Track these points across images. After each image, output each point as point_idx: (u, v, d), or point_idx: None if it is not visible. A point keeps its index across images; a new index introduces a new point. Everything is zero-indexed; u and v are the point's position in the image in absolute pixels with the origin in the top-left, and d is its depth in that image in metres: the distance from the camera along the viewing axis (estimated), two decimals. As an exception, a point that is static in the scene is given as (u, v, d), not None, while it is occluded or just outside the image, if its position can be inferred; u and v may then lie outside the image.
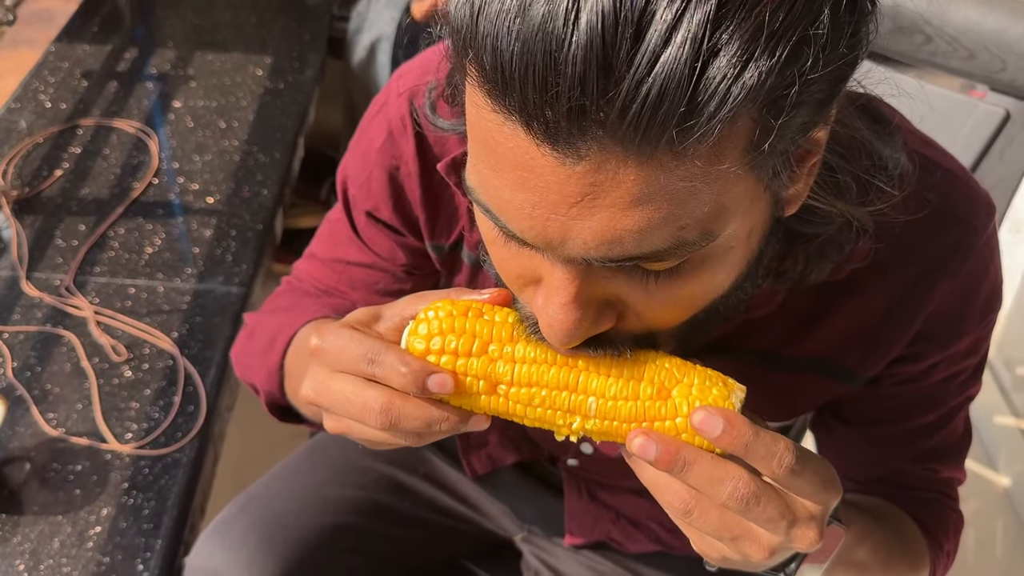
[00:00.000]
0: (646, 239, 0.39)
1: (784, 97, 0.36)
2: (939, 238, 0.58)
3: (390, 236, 0.72)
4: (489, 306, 0.50)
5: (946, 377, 0.64)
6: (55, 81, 1.41)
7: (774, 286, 0.56)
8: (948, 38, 0.98)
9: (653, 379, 0.46)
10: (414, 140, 0.65)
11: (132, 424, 0.95)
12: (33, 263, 1.11)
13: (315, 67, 1.51)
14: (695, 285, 0.44)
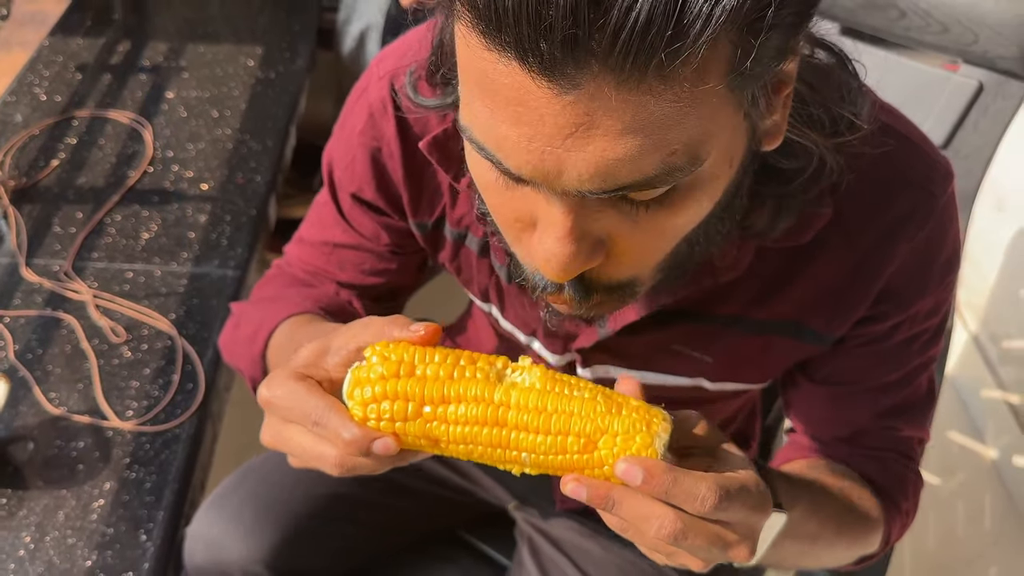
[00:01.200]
0: (638, 166, 0.41)
1: (760, 19, 0.38)
2: (899, 203, 0.60)
3: (374, 217, 0.74)
4: (422, 353, 0.50)
5: (908, 338, 0.66)
6: (49, 74, 1.43)
7: (742, 240, 0.58)
8: (921, 12, 1.01)
9: (580, 431, 0.47)
10: (395, 121, 0.67)
11: (132, 402, 0.97)
12: (32, 250, 1.13)
13: (305, 57, 1.53)
14: (681, 215, 0.46)
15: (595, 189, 0.42)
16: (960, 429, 1.78)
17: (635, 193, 0.43)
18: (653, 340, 0.67)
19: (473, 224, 0.70)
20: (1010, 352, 1.72)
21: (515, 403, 0.48)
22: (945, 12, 1.00)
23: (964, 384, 1.83)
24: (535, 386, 0.49)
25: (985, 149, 1.07)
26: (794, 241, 0.59)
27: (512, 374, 0.50)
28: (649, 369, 0.71)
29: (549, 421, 0.48)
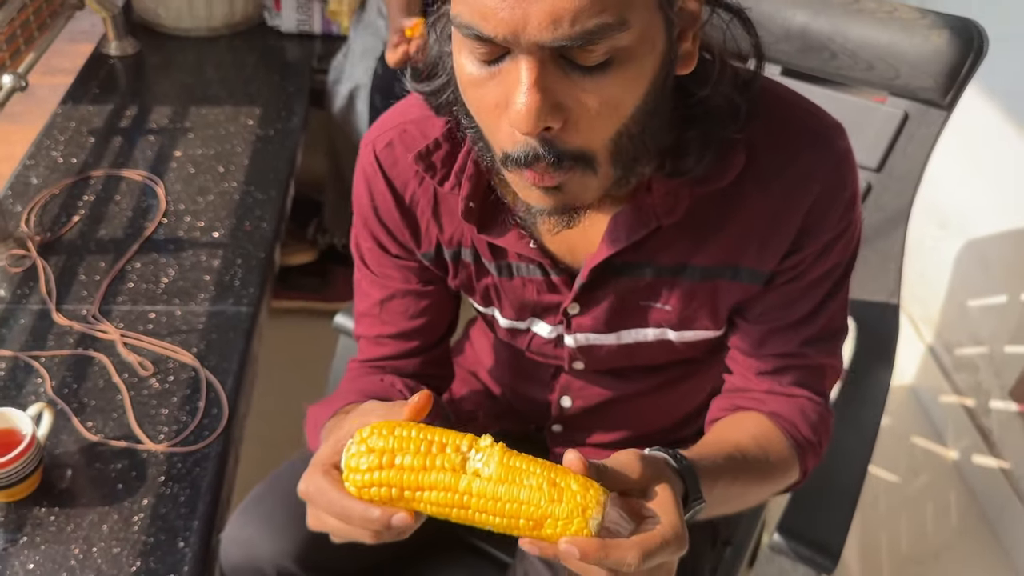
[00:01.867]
0: (579, 20, 0.54)
1: None
2: (804, 153, 0.72)
3: (396, 263, 0.87)
4: (399, 441, 0.61)
5: (823, 273, 0.77)
6: (64, 139, 1.55)
7: (677, 185, 0.71)
8: (849, 53, 1.15)
9: (528, 517, 0.59)
10: (383, 177, 0.80)
11: (163, 427, 1.07)
12: (61, 297, 1.23)
13: (300, 116, 1.66)
14: (618, 85, 0.59)
15: (550, 39, 0.55)
16: (923, 434, 1.90)
17: (580, 55, 0.56)
18: (618, 298, 0.80)
19: (463, 237, 0.82)
20: (962, 359, 1.86)
21: (476, 492, 0.60)
22: (869, 51, 1.14)
23: (923, 392, 1.96)
24: (492, 476, 0.60)
25: (914, 170, 1.20)
26: (716, 184, 0.71)
27: (475, 456, 0.61)
28: (622, 328, 0.83)
29: (503, 508, 0.60)
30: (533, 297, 0.83)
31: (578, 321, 0.83)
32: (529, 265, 0.81)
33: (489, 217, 0.78)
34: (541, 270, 0.81)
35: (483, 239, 0.80)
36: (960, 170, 1.87)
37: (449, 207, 0.81)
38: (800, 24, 1.17)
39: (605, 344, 0.85)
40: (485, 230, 0.78)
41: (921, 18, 1.13)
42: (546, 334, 0.87)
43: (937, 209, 1.94)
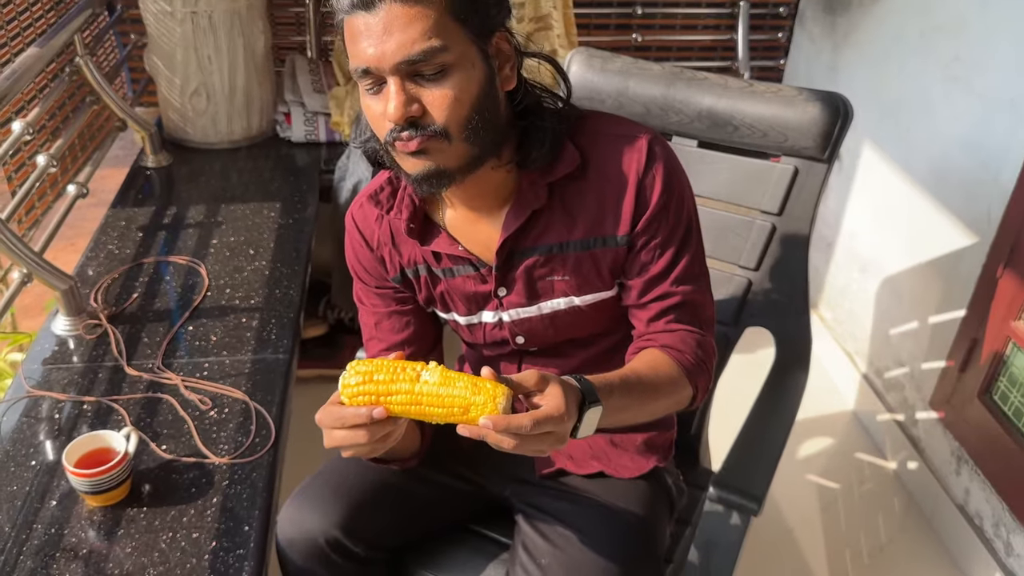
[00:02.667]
0: (414, 46, 0.89)
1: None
2: (621, 148, 1.05)
3: (378, 292, 1.19)
4: (377, 365, 0.90)
5: (668, 233, 1.06)
6: (116, 235, 1.85)
7: (533, 176, 1.04)
8: (748, 125, 1.49)
9: (460, 405, 0.88)
10: (356, 230, 1.16)
11: (223, 445, 1.33)
12: (130, 355, 1.51)
13: (313, 207, 1.99)
14: (450, 90, 0.92)
15: (401, 59, 0.89)
16: (865, 450, 2.16)
17: (424, 69, 0.90)
18: (528, 275, 1.10)
19: (416, 256, 1.13)
20: (890, 381, 2.14)
21: (425, 393, 0.89)
22: (763, 123, 1.48)
23: (863, 414, 2.23)
24: (435, 382, 0.88)
25: (808, 211, 1.51)
26: (561, 173, 1.04)
27: (425, 373, 0.90)
28: (540, 300, 1.12)
29: (443, 402, 0.89)
30: (472, 288, 1.14)
31: (507, 300, 1.13)
32: (463, 264, 1.12)
33: (426, 233, 1.11)
34: (472, 266, 1.12)
35: (426, 250, 1.12)
36: (872, 222, 2.21)
37: (401, 238, 1.13)
38: (708, 106, 1.51)
39: (532, 316, 1.14)
40: (425, 242, 1.11)
41: (799, 94, 1.47)
42: (491, 319, 1.17)
43: (858, 258, 2.26)
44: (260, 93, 2.22)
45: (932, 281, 1.95)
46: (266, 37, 2.18)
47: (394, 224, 1.12)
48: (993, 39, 1.73)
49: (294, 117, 2.25)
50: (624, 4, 2.58)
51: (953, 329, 1.87)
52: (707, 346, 1.13)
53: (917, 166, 1.99)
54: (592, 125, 1.08)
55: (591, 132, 1.07)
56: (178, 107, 2.17)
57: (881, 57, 2.12)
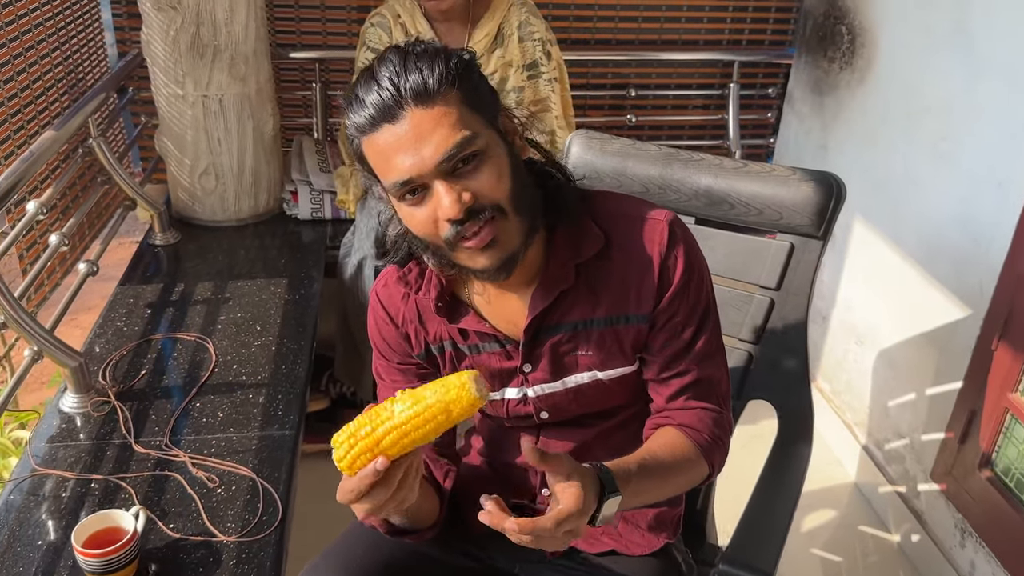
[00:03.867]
0: (449, 141, 0.92)
1: (469, 88, 0.96)
2: (644, 229, 1.09)
3: (399, 369, 1.21)
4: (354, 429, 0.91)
5: (688, 311, 1.10)
6: (124, 312, 1.88)
7: (562, 260, 1.07)
8: (743, 203, 1.54)
9: (440, 409, 0.88)
10: (382, 308, 1.18)
11: (231, 524, 1.33)
12: (138, 432, 1.51)
13: (318, 282, 2.02)
14: (491, 170, 0.96)
15: (440, 158, 0.92)
16: (868, 522, 2.16)
17: (460, 159, 0.93)
18: (553, 352, 1.12)
19: (442, 333, 1.16)
20: (890, 452, 2.15)
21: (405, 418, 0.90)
22: (759, 201, 1.53)
23: (864, 486, 2.23)
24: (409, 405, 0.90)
25: (804, 286, 1.55)
26: (587, 255, 1.07)
27: (394, 405, 0.91)
28: (564, 376, 1.14)
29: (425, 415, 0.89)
30: (497, 365, 1.16)
31: (533, 377, 1.16)
32: (489, 342, 1.14)
33: (454, 311, 1.14)
34: (498, 343, 1.14)
35: (453, 328, 1.14)
36: (866, 295, 2.25)
37: (428, 315, 1.16)
38: (705, 185, 1.56)
39: (556, 391, 1.16)
40: (453, 320, 1.13)
41: (792, 175, 1.52)
42: (515, 395, 1.18)
43: (855, 329, 2.30)
44: (268, 172, 2.27)
45: (928, 352, 1.98)
46: (275, 120, 2.25)
47: (421, 303, 1.15)
48: (979, 120, 1.80)
49: (301, 195, 2.30)
50: (618, 87, 2.68)
51: (951, 400, 1.89)
52: (723, 423, 1.15)
53: (908, 240, 2.04)
54: (612, 206, 1.12)
55: (613, 214, 1.11)
56: (187, 186, 2.22)
57: (869, 136, 2.20)
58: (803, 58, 2.51)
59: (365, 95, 0.95)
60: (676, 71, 2.71)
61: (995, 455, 1.80)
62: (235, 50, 2.08)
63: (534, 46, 2.17)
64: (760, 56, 2.69)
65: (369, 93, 0.94)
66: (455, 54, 0.98)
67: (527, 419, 1.23)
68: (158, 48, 2.07)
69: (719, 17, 2.65)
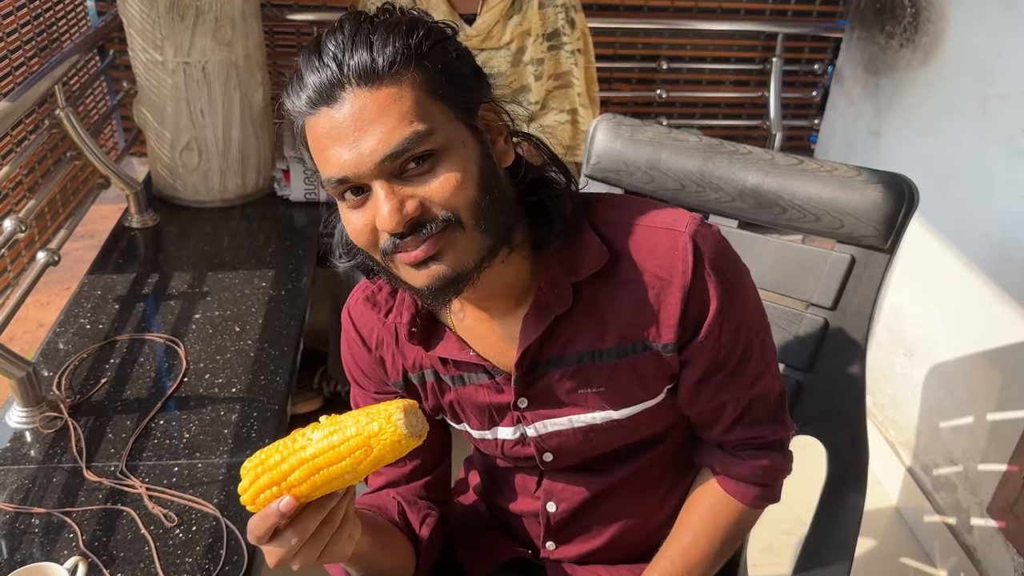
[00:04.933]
0: (396, 135, 0.74)
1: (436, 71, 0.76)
2: (659, 240, 0.87)
3: (375, 400, 1.01)
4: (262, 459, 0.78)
5: (732, 336, 0.90)
6: (91, 306, 1.68)
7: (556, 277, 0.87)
8: (798, 207, 1.31)
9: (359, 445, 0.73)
10: (354, 330, 1.00)
11: (187, 575, 1.14)
12: (91, 455, 1.32)
13: (309, 275, 1.81)
14: (448, 174, 0.76)
15: (382, 156, 0.74)
16: (911, 555, 1.95)
17: (408, 157, 0.75)
18: (555, 387, 0.93)
19: (423, 360, 0.97)
20: (940, 479, 1.94)
21: (319, 451, 0.75)
22: (815, 205, 1.30)
23: (908, 512, 2.03)
24: (326, 435, 0.75)
25: (866, 307, 1.33)
26: (586, 272, 0.86)
27: (313, 432, 0.76)
28: (570, 412, 0.94)
29: (340, 453, 0.74)
30: (486, 399, 0.96)
31: (531, 414, 0.96)
32: (476, 372, 0.95)
33: (431, 336, 0.94)
34: (486, 374, 0.94)
35: (432, 355, 0.95)
36: (920, 303, 2.02)
37: (405, 339, 0.96)
38: (752, 184, 1.34)
39: (562, 430, 0.96)
40: (430, 347, 0.94)
41: (857, 175, 1.29)
42: (510, 435, 0.99)
43: (904, 339, 2.07)
44: (257, 148, 2.06)
45: (990, 373, 1.76)
46: (265, 89, 2.03)
47: (403, 330, 0.96)
48: (1065, 112, 1.56)
49: (293, 174, 2.08)
50: (648, 59, 2.43)
51: (1017, 430, 1.67)
52: (778, 462, 1.01)
53: (974, 246, 1.81)
54: (619, 214, 0.90)
55: (618, 222, 0.89)
56: (168, 162, 2.01)
57: (932, 124, 1.95)
58: (856, 32, 2.25)
59: (305, 70, 0.76)
60: (713, 43, 2.46)
61: (1068, 497, 1.58)
62: (220, 12, 1.85)
63: (556, 12, 1.93)
64: (807, 28, 2.43)
65: (310, 69, 0.75)
66: (425, 26, 0.77)
67: (528, 461, 1.03)
68: (134, 7, 1.84)
69: (763, -17, 2.39)
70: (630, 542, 1.09)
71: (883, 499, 2.09)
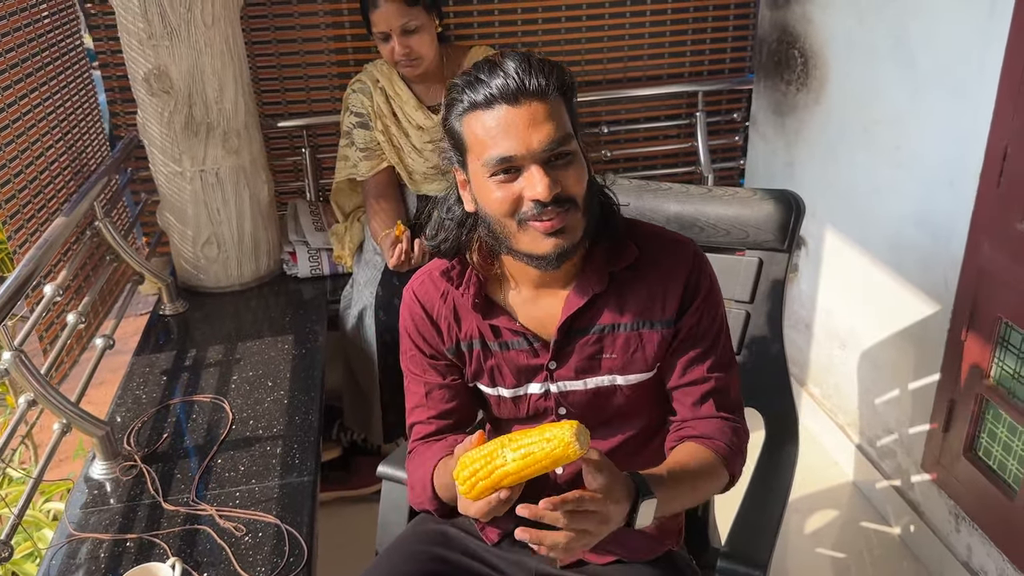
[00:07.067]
0: (557, 133, 1.07)
1: (571, 101, 1.14)
2: (673, 247, 1.24)
3: (431, 363, 1.32)
4: (472, 467, 1.05)
5: (708, 323, 1.24)
6: (141, 380, 1.98)
7: (598, 266, 1.21)
8: (711, 225, 1.65)
9: (539, 439, 1.01)
10: (418, 303, 1.31)
11: (261, 568, 1.42)
12: (165, 492, 1.61)
13: (322, 336, 2.13)
14: (577, 171, 1.11)
15: (544, 147, 1.07)
16: (869, 518, 2.24)
17: (556, 158, 1.08)
18: (580, 352, 1.24)
19: (473, 331, 1.27)
20: (883, 448, 2.24)
21: (512, 471, 1.03)
22: (725, 223, 1.64)
23: (862, 483, 2.32)
24: (517, 459, 1.01)
25: (777, 296, 1.66)
26: (622, 265, 1.21)
27: (506, 453, 1.03)
28: (587, 376, 1.25)
29: (529, 466, 1.02)
30: (524, 361, 1.27)
31: (557, 374, 1.27)
32: (518, 339, 1.26)
33: (488, 310, 1.27)
34: (527, 341, 1.26)
35: (486, 324, 1.26)
36: (844, 301, 2.36)
37: (463, 313, 1.28)
38: (675, 211, 1.68)
39: (578, 389, 1.27)
40: (487, 317, 1.26)
41: (754, 195, 1.64)
42: (538, 390, 1.29)
43: (837, 334, 2.40)
44: (267, 236, 2.39)
45: (905, 349, 2.09)
46: (269, 186, 2.38)
47: (459, 300, 1.27)
48: (926, 128, 1.93)
49: (299, 255, 2.42)
50: (591, 124, 2.82)
51: (931, 392, 1.98)
52: (741, 432, 1.27)
53: (875, 245, 2.16)
54: (647, 229, 1.28)
55: (647, 234, 1.26)
56: (191, 257, 2.34)
57: (830, 150, 2.33)
58: (762, 83, 2.65)
59: (488, 78, 1.07)
60: (644, 105, 2.85)
61: (977, 440, 1.89)
62: (227, 125, 2.21)
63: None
64: (722, 84, 2.84)
65: (494, 77, 1.07)
66: (570, 74, 1.13)
67: (544, 415, 1.32)
68: (154, 130, 2.20)
69: (679, 52, 2.80)
70: None
71: (841, 476, 2.38)
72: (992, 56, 1.68)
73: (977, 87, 1.74)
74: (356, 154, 2.30)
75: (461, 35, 2.67)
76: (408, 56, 2.13)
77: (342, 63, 2.65)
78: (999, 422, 1.83)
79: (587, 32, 2.73)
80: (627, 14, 2.72)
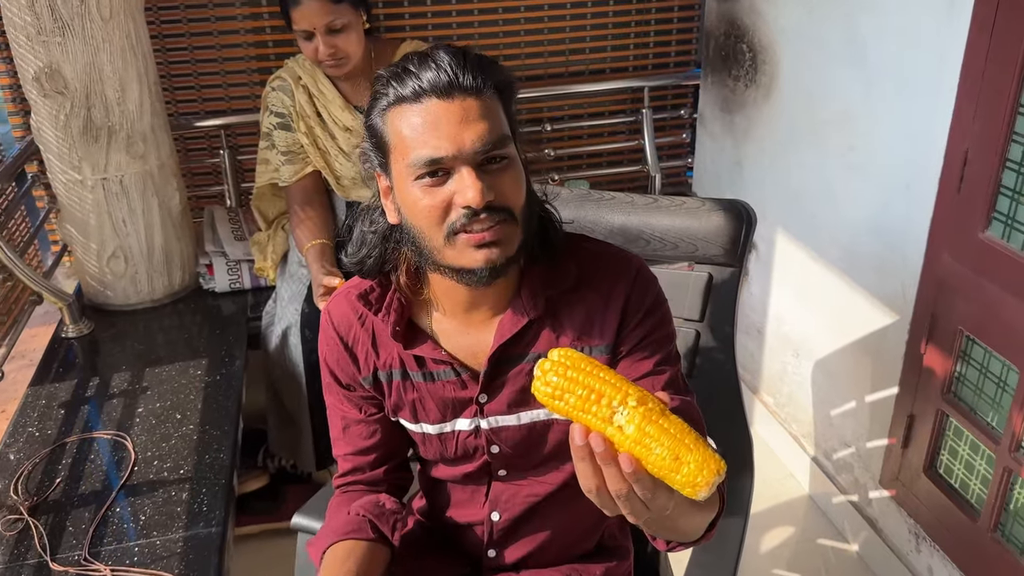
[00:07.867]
0: (493, 133, 0.94)
1: (509, 103, 1.00)
2: (614, 268, 1.09)
3: (347, 395, 1.18)
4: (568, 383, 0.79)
5: (651, 340, 1.08)
6: (36, 415, 1.78)
7: (533, 290, 1.07)
8: (658, 238, 1.52)
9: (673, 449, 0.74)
10: (332, 328, 1.16)
11: (158, 640, 1.25)
12: (54, 549, 1.43)
13: (241, 359, 1.95)
14: (513, 176, 0.98)
15: (477, 148, 0.94)
16: (826, 535, 2.15)
17: (490, 161, 0.95)
18: (512, 383, 1.10)
19: (393, 361, 1.12)
20: (839, 462, 2.15)
21: (617, 442, 0.77)
22: (672, 235, 1.52)
23: (819, 498, 2.23)
24: (629, 436, 0.76)
25: (728, 313, 1.54)
26: (559, 287, 1.08)
27: (622, 412, 0.77)
28: (519, 410, 1.11)
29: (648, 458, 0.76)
30: (451, 394, 1.12)
31: (488, 408, 1.12)
32: (444, 369, 1.11)
33: (410, 338, 1.12)
34: (454, 372, 1.11)
35: (408, 354, 1.11)
36: (796, 308, 2.26)
37: (382, 340, 1.13)
38: (619, 224, 1.55)
39: (510, 425, 1.13)
40: (409, 346, 1.11)
41: (702, 205, 1.52)
42: (466, 427, 1.15)
43: (789, 342, 2.30)
44: (180, 248, 2.20)
45: (861, 360, 1.99)
46: (181, 193, 2.19)
47: (378, 326, 1.12)
48: (879, 127, 1.83)
49: (216, 267, 2.23)
50: (533, 122, 2.67)
51: (890, 406, 1.89)
52: None
53: (828, 250, 2.06)
54: (590, 246, 1.13)
55: (589, 253, 1.12)
56: (96, 273, 2.14)
57: (780, 150, 2.22)
58: (709, 78, 2.53)
59: (418, 69, 0.95)
60: (587, 101, 2.72)
61: (937, 458, 1.80)
62: (131, 129, 2.02)
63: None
64: (667, 80, 2.71)
65: (425, 69, 0.95)
66: (507, 71, 1.01)
67: (474, 455, 1.18)
68: (50, 135, 1.99)
69: (622, 45, 2.66)
70: (564, 543, 1.25)
71: (797, 489, 2.29)
72: (952, 54, 1.58)
73: (935, 86, 1.63)
74: (278, 157, 2.11)
75: (391, 27, 2.50)
76: (334, 56, 1.95)
77: (262, 57, 2.46)
78: (960, 439, 1.74)
79: (526, 24, 2.58)
80: (567, 5, 2.58)
